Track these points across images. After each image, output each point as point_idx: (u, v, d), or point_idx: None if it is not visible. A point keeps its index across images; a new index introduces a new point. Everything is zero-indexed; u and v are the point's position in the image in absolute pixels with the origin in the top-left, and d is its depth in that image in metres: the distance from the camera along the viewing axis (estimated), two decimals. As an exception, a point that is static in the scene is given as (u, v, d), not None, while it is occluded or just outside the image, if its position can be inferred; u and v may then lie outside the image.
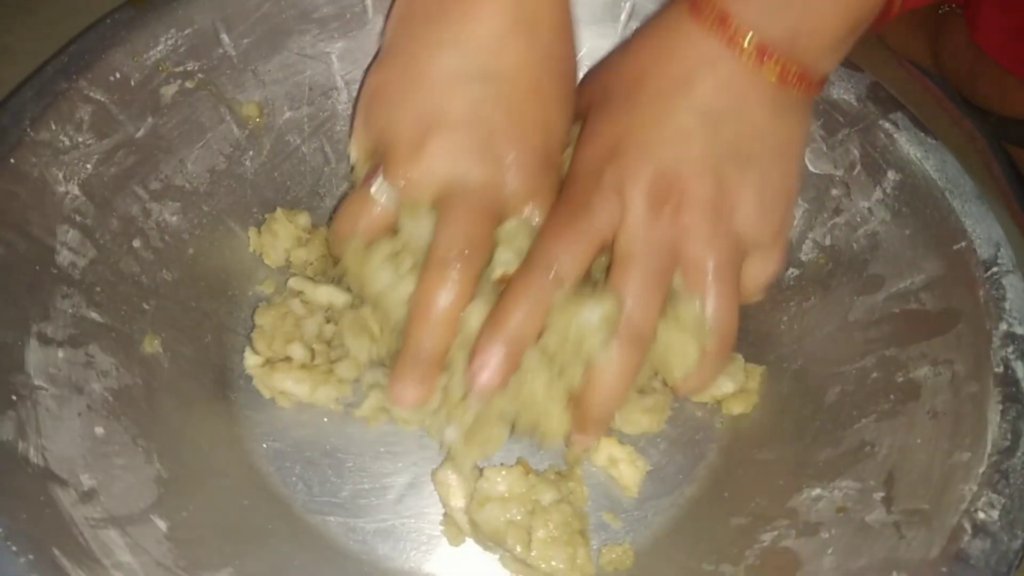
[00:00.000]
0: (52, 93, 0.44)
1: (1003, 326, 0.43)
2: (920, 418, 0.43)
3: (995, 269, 0.44)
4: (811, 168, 0.51)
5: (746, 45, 0.40)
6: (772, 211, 0.43)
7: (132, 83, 0.46)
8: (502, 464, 0.44)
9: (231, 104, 0.50)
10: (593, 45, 0.54)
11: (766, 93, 0.41)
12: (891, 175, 0.49)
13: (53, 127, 0.43)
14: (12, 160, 0.42)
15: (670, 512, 0.46)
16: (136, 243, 0.46)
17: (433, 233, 0.41)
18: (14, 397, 0.37)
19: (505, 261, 0.41)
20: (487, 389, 0.39)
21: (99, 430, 0.40)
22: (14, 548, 0.33)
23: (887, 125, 0.49)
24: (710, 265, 0.41)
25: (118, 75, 0.45)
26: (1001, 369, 0.42)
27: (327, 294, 0.47)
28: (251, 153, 0.51)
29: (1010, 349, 0.42)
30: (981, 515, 0.38)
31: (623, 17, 0.53)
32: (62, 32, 0.45)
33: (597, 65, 0.50)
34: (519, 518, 0.41)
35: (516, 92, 0.42)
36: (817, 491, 0.43)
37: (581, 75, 0.49)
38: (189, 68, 0.48)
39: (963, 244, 0.46)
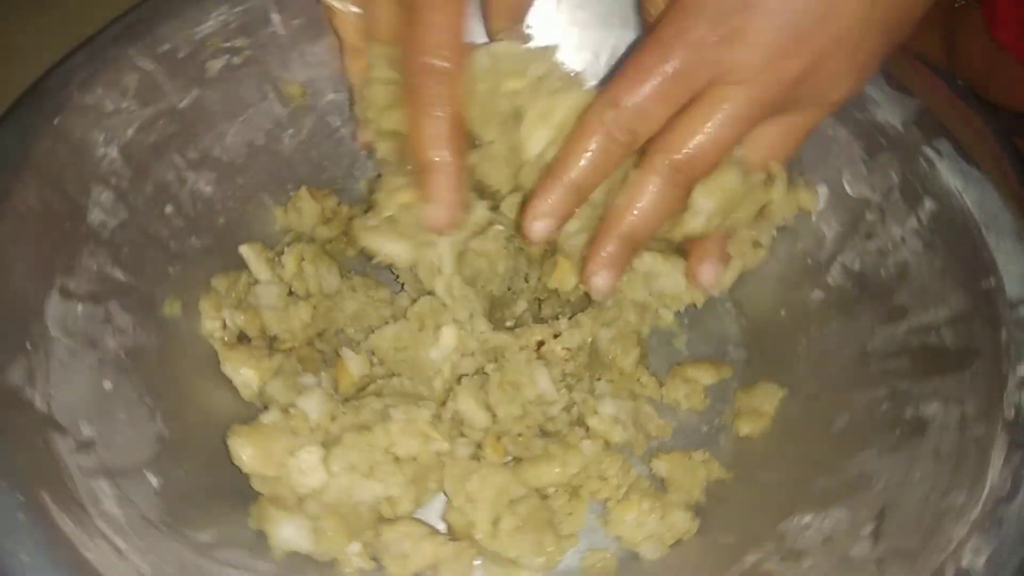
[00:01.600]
0: (102, 59, 0.45)
1: (1021, 369, 0.41)
2: (922, 455, 0.42)
3: (1022, 310, 0.43)
4: (848, 190, 0.50)
5: None
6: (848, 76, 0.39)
7: (180, 55, 0.47)
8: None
9: (275, 82, 0.51)
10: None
11: None
12: (928, 204, 0.47)
13: (99, 92, 0.45)
14: (56, 121, 0.44)
15: (661, 524, 0.46)
16: (168, 209, 0.47)
17: None
18: (28, 345, 0.39)
19: None
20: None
21: (107, 384, 0.41)
22: (5, 485, 0.35)
23: (929, 152, 0.47)
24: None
25: (167, 46, 0.47)
26: (1012, 414, 0.40)
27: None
28: (291, 131, 0.52)
29: (1024, 394, 0.41)
30: (966, 560, 0.37)
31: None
32: (73, 31, 0.46)
33: None
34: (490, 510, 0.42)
35: None
36: (808, 518, 0.43)
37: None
38: (237, 44, 0.49)
39: (992, 282, 0.44)
